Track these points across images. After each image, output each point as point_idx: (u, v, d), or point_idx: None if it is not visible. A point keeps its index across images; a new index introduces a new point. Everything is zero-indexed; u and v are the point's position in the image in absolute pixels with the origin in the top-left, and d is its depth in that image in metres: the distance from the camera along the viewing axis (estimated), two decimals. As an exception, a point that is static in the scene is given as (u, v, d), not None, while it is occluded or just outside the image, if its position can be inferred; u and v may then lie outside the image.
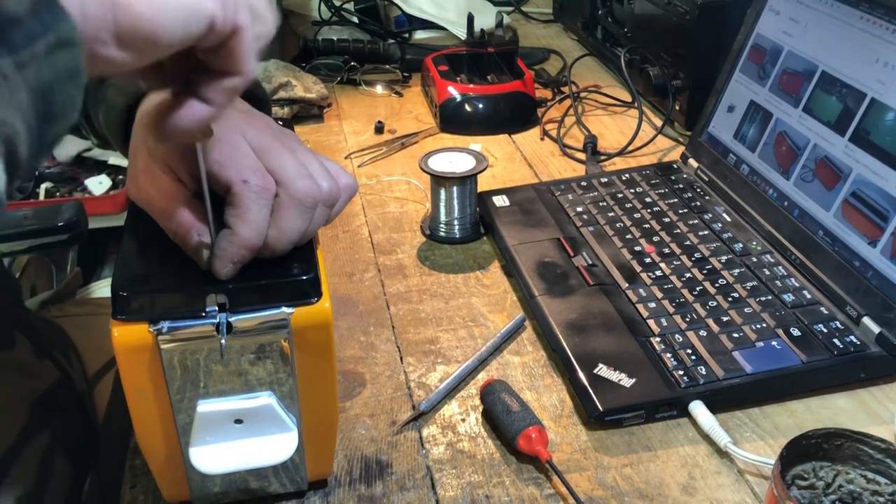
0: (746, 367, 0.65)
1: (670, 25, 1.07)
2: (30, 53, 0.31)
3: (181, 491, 0.55)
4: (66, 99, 0.33)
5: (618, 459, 0.61)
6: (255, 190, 0.48)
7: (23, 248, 0.95)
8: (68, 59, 0.33)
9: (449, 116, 1.13)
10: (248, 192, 0.47)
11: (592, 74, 1.30)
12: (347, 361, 0.71)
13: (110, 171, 1.91)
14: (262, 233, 0.48)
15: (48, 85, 0.32)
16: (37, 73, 0.32)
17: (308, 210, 0.49)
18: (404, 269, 0.83)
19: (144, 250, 0.51)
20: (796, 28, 0.84)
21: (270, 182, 0.49)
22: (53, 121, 0.33)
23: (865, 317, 0.68)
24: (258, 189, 0.48)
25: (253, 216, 0.47)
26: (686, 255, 0.79)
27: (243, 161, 0.48)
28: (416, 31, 1.46)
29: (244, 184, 0.48)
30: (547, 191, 0.93)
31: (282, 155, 0.50)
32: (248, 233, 0.47)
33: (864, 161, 0.72)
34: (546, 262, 0.80)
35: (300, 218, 0.49)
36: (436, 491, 0.58)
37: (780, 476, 0.48)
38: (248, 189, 0.47)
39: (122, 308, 0.47)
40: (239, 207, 0.47)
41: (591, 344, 0.68)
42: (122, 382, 0.49)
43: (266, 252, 0.49)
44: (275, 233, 0.48)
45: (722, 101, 0.93)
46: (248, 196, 0.47)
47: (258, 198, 0.48)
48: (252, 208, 0.47)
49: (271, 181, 0.49)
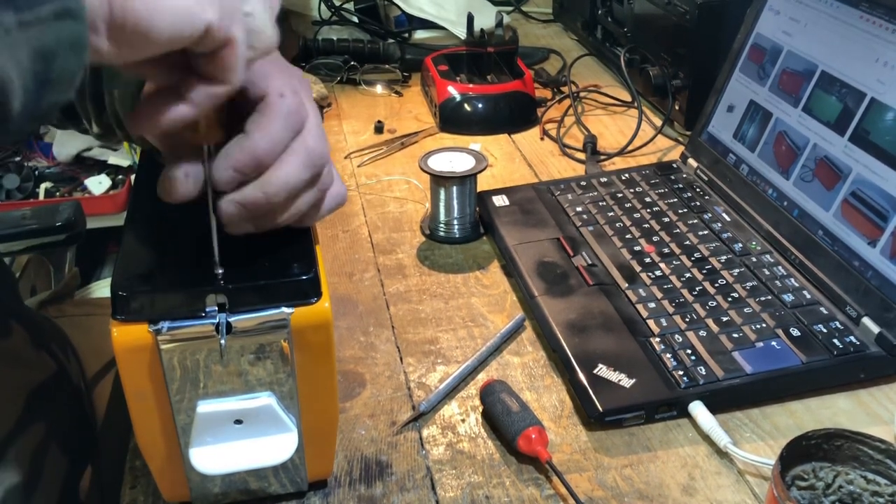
0: (746, 367, 0.65)
1: (670, 25, 1.07)
2: (34, 14, 0.32)
3: (181, 491, 0.55)
4: (65, 68, 0.34)
5: (618, 460, 0.61)
6: (288, 106, 0.46)
7: (21, 248, 0.95)
8: (72, 30, 0.33)
9: (449, 116, 1.13)
10: (281, 105, 0.46)
11: (592, 74, 1.30)
12: (347, 361, 0.71)
13: (110, 170, 1.92)
14: (275, 149, 0.46)
15: (50, 50, 0.33)
16: (39, 36, 0.32)
17: (311, 168, 0.48)
18: (404, 269, 0.83)
19: (144, 250, 0.50)
20: (796, 28, 0.84)
21: (305, 111, 0.47)
22: (50, 87, 0.34)
23: (865, 317, 0.68)
24: (292, 108, 0.46)
25: (275, 128, 0.46)
26: (686, 255, 0.79)
27: (288, 80, 0.47)
28: (415, 30, 1.46)
29: (280, 97, 0.46)
30: (547, 191, 0.93)
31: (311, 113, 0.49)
32: (263, 142, 0.45)
33: (864, 161, 0.72)
34: (546, 262, 0.80)
35: (305, 169, 0.47)
36: (436, 491, 0.58)
37: (780, 476, 0.48)
38: (283, 102, 0.46)
39: (121, 308, 0.47)
40: (265, 116, 0.46)
41: (590, 344, 0.68)
42: (121, 383, 0.49)
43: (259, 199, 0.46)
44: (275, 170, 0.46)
45: (722, 101, 0.93)
46: (279, 109, 0.46)
47: (289, 115, 0.46)
48: (277, 121, 0.46)
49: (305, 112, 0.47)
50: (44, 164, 1.90)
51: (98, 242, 1.84)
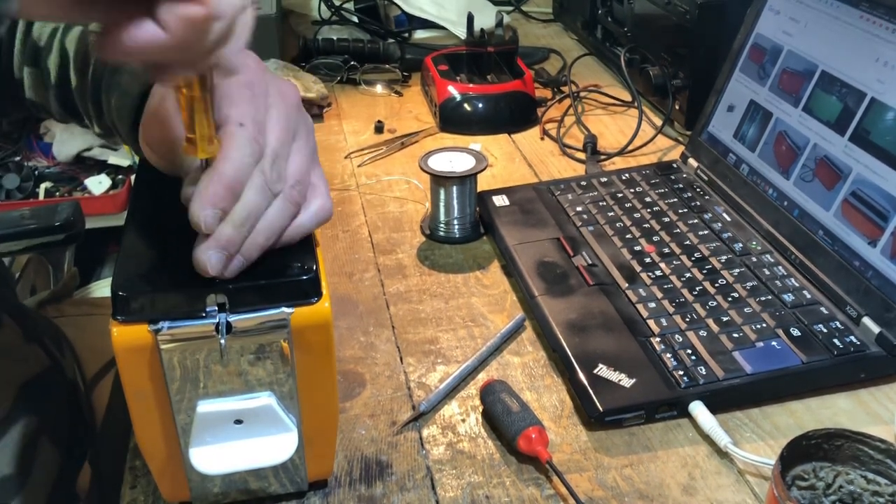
0: (746, 367, 0.65)
1: (670, 25, 1.07)
2: None
3: (181, 491, 0.55)
4: None
5: (618, 460, 0.61)
6: (248, 135, 0.46)
7: (20, 248, 0.95)
8: None
9: (449, 116, 1.13)
10: (240, 135, 0.46)
11: (592, 74, 1.30)
12: (347, 361, 0.71)
13: (110, 170, 1.92)
14: (243, 174, 0.46)
15: None
16: None
17: (267, 193, 0.47)
18: (404, 269, 0.83)
19: (144, 250, 0.50)
20: (796, 27, 0.84)
21: (264, 140, 0.47)
22: None
23: (865, 317, 0.68)
24: (251, 136, 0.46)
25: (237, 155, 0.46)
26: (686, 255, 0.79)
27: (249, 109, 0.47)
28: (415, 30, 1.46)
29: (240, 126, 0.46)
30: (547, 190, 0.93)
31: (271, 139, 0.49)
32: (229, 170, 0.45)
33: (864, 161, 0.72)
34: (546, 261, 0.80)
35: (262, 194, 0.47)
36: (436, 491, 0.58)
37: (780, 476, 0.48)
38: (242, 133, 0.46)
39: (122, 308, 0.47)
40: (225, 146, 0.46)
41: (591, 344, 0.68)
42: (121, 383, 0.49)
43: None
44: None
45: (722, 101, 0.93)
46: (238, 136, 0.46)
47: (248, 142, 0.46)
48: (238, 149, 0.46)
49: (264, 141, 0.47)
50: (44, 163, 1.90)
51: (98, 242, 1.84)
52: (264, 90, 0.49)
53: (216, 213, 0.45)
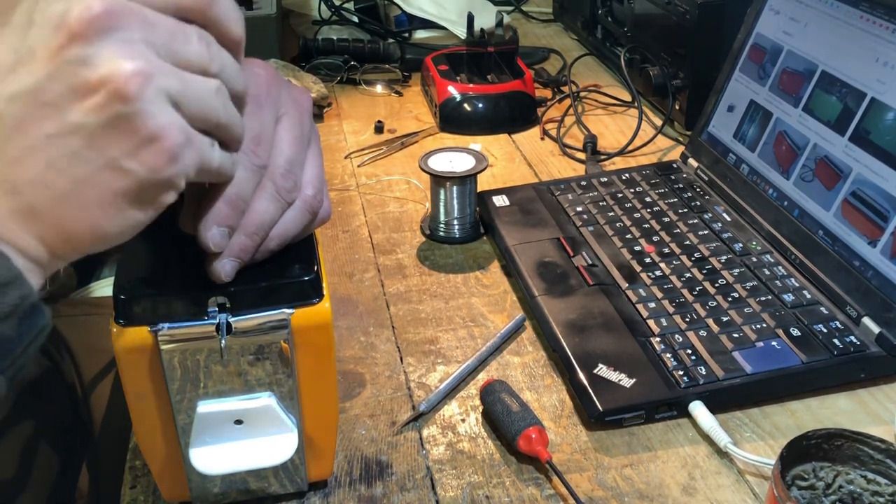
0: (746, 367, 0.65)
1: (670, 25, 1.07)
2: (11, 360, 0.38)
3: (181, 491, 0.55)
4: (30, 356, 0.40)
5: (618, 460, 0.61)
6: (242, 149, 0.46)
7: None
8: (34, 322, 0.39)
9: (449, 116, 1.13)
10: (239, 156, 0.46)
11: (592, 74, 1.30)
12: (347, 361, 0.71)
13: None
14: (243, 189, 0.46)
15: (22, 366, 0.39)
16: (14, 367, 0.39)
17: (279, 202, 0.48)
18: (404, 269, 0.83)
19: (146, 252, 0.50)
20: (796, 27, 0.84)
21: (266, 159, 0.47)
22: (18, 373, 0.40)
23: (865, 317, 0.68)
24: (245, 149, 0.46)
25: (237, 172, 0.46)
26: (686, 255, 0.79)
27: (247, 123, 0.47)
28: (416, 30, 1.46)
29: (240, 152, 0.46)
30: (547, 190, 0.93)
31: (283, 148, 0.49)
32: (231, 189, 0.45)
33: (864, 161, 0.72)
34: (546, 262, 0.80)
35: (274, 203, 0.48)
36: (436, 491, 0.58)
37: (780, 476, 0.48)
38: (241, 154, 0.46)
39: (124, 312, 0.47)
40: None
41: (590, 344, 0.68)
42: (122, 383, 0.49)
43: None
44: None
45: (722, 101, 0.93)
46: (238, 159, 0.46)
47: (244, 156, 0.46)
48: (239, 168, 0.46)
49: (267, 158, 0.48)
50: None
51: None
52: (275, 100, 0.49)
53: (223, 231, 0.46)
